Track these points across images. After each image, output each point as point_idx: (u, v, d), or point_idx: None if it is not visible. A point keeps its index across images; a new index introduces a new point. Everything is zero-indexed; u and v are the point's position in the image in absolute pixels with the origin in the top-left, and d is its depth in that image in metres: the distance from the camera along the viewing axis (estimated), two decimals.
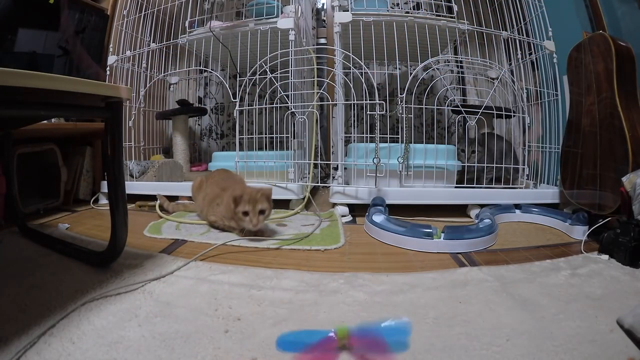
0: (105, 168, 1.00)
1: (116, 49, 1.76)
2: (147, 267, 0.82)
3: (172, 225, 1.21)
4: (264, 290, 0.72)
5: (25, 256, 0.90)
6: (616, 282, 0.76)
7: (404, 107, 1.35)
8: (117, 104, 0.78)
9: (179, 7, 1.79)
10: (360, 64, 1.39)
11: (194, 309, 0.64)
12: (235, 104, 1.46)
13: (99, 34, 1.70)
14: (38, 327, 0.56)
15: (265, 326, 0.59)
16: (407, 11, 1.71)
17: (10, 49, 1.32)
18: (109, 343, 0.53)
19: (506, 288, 0.72)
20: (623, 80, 1.11)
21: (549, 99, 1.54)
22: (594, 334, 0.56)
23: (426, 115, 2.15)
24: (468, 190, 1.39)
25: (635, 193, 0.93)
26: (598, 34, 1.19)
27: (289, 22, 1.45)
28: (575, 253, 0.95)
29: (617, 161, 1.07)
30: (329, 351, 0.50)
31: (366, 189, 1.36)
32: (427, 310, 0.64)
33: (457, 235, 0.99)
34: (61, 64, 1.51)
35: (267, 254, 0.95)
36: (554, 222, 1.23)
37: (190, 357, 0.51)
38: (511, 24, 1.62)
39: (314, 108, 1.52)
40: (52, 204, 1.47)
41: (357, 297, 0.69)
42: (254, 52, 1.50)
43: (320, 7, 2.32)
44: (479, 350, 0.53)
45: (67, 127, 1.50)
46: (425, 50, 1.50)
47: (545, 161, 1.53)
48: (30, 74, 0.56)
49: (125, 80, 1.78)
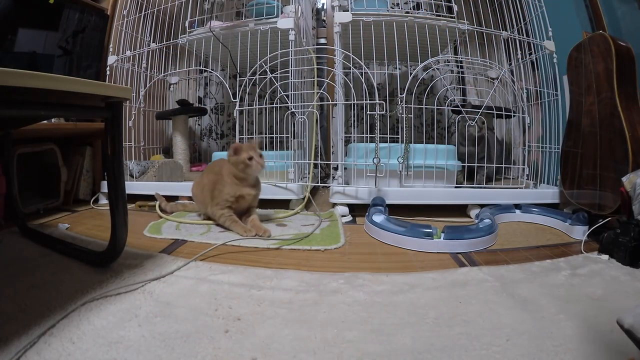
0: (105, 168, 1.00)
1: (116, 49, 1.77)
2: (147, 267, 0.82)
3: (172, 225, 1.21)
4: (264, 290, 0.72)
5: (25, 256, 0.90)
6: (616, 282, 0.76)
7: (404, 107, 1.35)
8: (117, 104, 0.78)
9: (179, 7, 1.79)
10: (360, 64, 1.39)
11: (194, 309, 0.64)
12: (235, 104, 1.46)
13: (99, 34, 1.70)
14: (38, 327, 0.56)
15: (265, 326, 0.59)
16: (407, 11, 1.71)
17: (10, 49, 1.32)
18: (109, 343, 0.53)
19: (506, 288, 0.72)
20: (623, 80, 1.11)
21: (549, 99, 1.54)
22: (594, 334, 0.56)
23: (426, 115, 2.15)
24: (468, 190, 1.39)
25: (635, 193, 0.93)
26: (598, 34, 1.19)
27: (289, 22, 1.46)
28: (575, 253, 0.95)
29: (617, 161, 1.07)
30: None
31: (366, 189, 1.36)
32: (427, 310, 0.64)
33: (457, 235, 0.99)
34: (61, 64, 1.51)
35: (267, 254, 0.95)
36: (554, 222, 1.23)
37: (190, 357, 0.51)
38: (511, 24, 1.62)
39: (314, 108, 1.52)
40: (52, 204, 1.47)
41: (357, 297, 0.69)
42: (254, 52, 1.50)
43: (320, 7, 2.32)
44: (479, 350, 0.53)
45: (67, 127, 1.50)
46: (425, 50, 1.50)
47: (545, 161, 1.53)
48: (30, 74, 0.56)
49: (125, 80, 1.78)
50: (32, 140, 1.41)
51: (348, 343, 0.55)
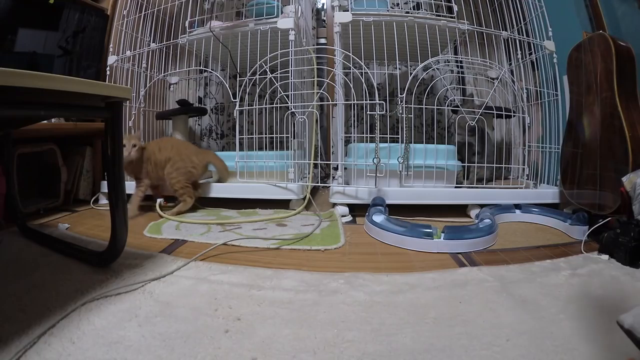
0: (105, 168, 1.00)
1: (116, 49, 1.76)
2: (147, 267, 0.82)
3: (172, 225, 1.21)
4: (264, 290, 0.72)
5: (25, 256, 0.90)
6: (616, 282, 0.76)
7: (404, 107, 1.35)
8: (117, 104, 0.78)
9: (179, 7, 1.79)
10: (360, 64, 1.39)
11: (194, 309, 0.64)
12: (235, 104, 1.46)
13: (99, 34, 1.70)
14: (38, 327, 0.56)
15: (265, 326, 0.59)
16: (407, 11, 1.71)
17: (10, 49, 1.32)
18: (109, 343, 0.53)
19: (506, 288, 0.72)
20: (623, 80, 1.11)
21: (549, 99, 1.54)
22: (594, 334, 0.56)
23: (426, 115, 2.15)
24: (468, 190, 1.39)
25: (635, 193, 0.93)
26: (598, 34, 1.19)
27: (289, 22, 1.45)
28: (575, 253, 0.95)
29: (617, 161, 1.07)
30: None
31: (366, 189, 1.36)
32: (427, 310, 0.64)
33: (457, 235, 0.99)
34: (61, 64, 1.51)
35: (267, 254, 0.95)
36: (554, 222, 1.23)
37: (190, 357, 0.51)
38: (511, 24, 1.62)
39: (314, 108, 1.52)
40: (52, 204, 1.47)
41: (357, 297, 0.69)
42: (254, 52, 1.50)
43: (320, 7, 2.31)
44: (479, 350, 0.53)
45: (67, 127, 1.50)
46: (425, 50, 1.50)
47: (545, 161, 1.53)
48: (30, 74, 0.56)
49: (125, 80, 1.78)
50: (32, 140, 1.41)
51: (348, 343, 0.55)
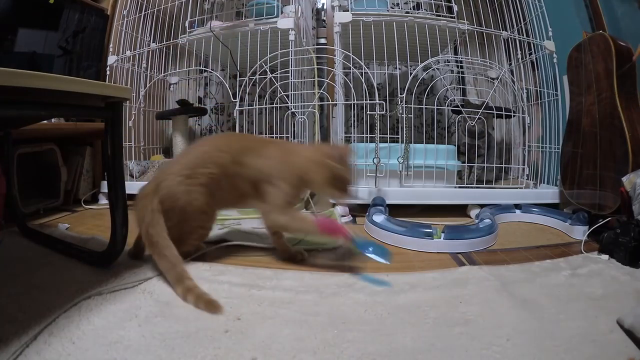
0: (105, 168, 1.00)
1: (116, 49, 1.76)
2: (147, 267, 0.82)
3: None
4: (264, 290, 0.72)
5: (26, 256, 0.90)
6: (616, 282, 0.76)
7: (404, 107, 1.35)
8: (117, 104, 0.78)
9: (179, 7, 1.79)
10: (360, 64, 1.39)
11: (194, 308, 0.64)
12: (235, 104, 1.46)
13: (99, 34, 1.70)
14: (38, 327, 0.56)
15: (265, 326, 0.59)
16: (407, 11, 1.71)
17: (11, 49, 1.32)
18: (109, 343, 0.53)
19: (506, 288, 0.72)
20: (623, 80, 1.11)
21: (549, 99, 1.54)
22: (594, 334, 0.56)
23: (426, 115, 2.15)
24: (468, 190, 1.39)
25: (635, 193, 0.93)
26: (598, 34, 1.19)
27: (289, 22, 1.45)
28: (575, 253, 0.95)
29: (617, 161, 1.07)
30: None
31: (366, 188, 1.36)
32: (428, 310, 0.64)
33: (457, 235, 0.99)
34: (61, 64, 1.51)
35: (267, 254, 0.95)
36: (554, 222, 1.23)
37: (190, 357, 0.51)
38: (511, 24, 1.62)
39: (314, 108, 1.52)
40: (52, 204, 1.46)
41: (357, 297, 0.69)
42: (254, 52, 1.50)
43: (320, 7, 2.31)
44: (479, 350, 0.53)
45: (67, 127, 1.50)
46: (425, 50, 1.50)
47: (545, 161, 1.53)
48: (30, 74, 0.56)
49: (125, 80, 1.78)
50: (32, 140, 1.41)
51: (348, 343, 0.55)
